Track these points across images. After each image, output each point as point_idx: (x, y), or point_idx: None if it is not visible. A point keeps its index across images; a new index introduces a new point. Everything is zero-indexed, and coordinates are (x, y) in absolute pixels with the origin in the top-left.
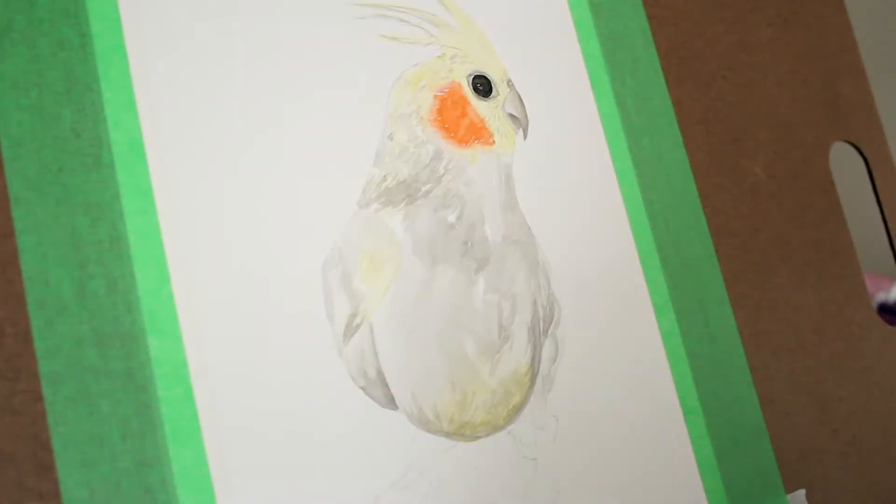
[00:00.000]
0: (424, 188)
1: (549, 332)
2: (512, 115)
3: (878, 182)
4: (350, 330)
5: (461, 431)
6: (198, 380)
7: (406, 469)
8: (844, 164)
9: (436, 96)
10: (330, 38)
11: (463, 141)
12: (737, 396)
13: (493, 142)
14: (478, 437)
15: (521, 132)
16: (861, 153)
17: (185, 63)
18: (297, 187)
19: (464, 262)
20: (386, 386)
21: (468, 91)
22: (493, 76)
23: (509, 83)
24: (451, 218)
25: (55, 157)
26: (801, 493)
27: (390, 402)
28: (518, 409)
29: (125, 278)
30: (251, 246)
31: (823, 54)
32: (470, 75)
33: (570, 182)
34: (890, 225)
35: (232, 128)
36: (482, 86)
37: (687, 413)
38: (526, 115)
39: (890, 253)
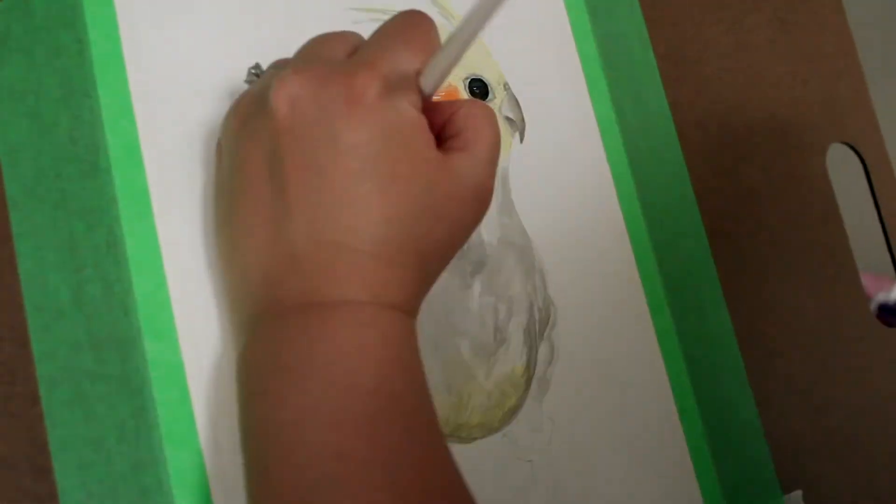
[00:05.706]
0: None
1: (545, 334)
2: (508, 118)
3: (875, 183)
4: None
5: (457, 433)
6: (194, 382)
7: None
8: (842, 165)
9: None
10: None
11: None
12: (733, 397)
13: None
14: (473, 439)
15: (517, 135)
16: (858, 154)
17: (181, 69)
18: None
19: (459, 264)
20: None
21: (465, 94)
22: (489, 79)
23: (505, 86)
24: None
25: (52, 162)
26: (798, 493)
27: None
28: (514, 412)
29: (122, 282)
30: None
31: (821, 56)
32: (466, 78)
33: (567, 185)
34: (887, 226)
35: None
36: (478, 89)
37: (683, 414)
38: (522, 118)
39: (887, 254)
